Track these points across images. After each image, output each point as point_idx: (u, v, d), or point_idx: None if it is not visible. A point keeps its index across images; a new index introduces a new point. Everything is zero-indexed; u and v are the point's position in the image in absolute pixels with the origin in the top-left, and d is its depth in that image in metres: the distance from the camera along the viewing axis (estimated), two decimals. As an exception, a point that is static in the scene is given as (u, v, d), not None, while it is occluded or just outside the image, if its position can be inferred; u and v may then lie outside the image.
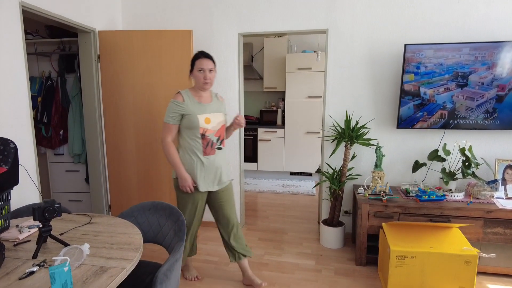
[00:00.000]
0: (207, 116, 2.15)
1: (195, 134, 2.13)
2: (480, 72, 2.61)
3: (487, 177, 2.79)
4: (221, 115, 2.23)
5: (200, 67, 2.11)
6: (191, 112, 2.12)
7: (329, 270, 2.60)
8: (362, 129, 2.78)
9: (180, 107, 2.12)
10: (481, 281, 2.44)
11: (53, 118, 3.59)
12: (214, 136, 2.18)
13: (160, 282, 1.49)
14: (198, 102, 2.16)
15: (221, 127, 2.22)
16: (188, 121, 2.12)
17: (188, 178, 2.16)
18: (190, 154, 2.17)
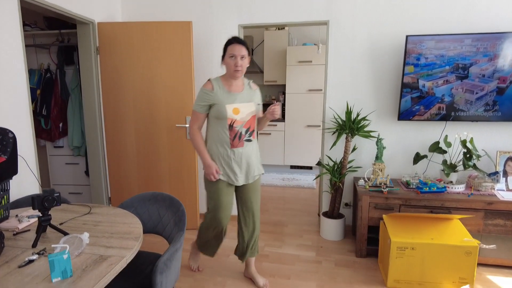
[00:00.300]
0: (236, 106, 2.03)
1: (222, 125, 2.03)
2: (481, 63, 2.59)
3: (488, 169, 2.78)
4: (252, 105, 2.09)
5: (232, 53, 1.97)
6: (219, 101, 2.01)
7: (330, 262, 2.61)
8: (363, 121, 2.77)
9: (208, 96, 2.03)
10: (481, 272, 2.44)
11: (52, 110, 3.57)
12: (242, 128, 2.05)
13: (160, 272, 1.48)
14: (228, 91, 2.04)
15: (251, 118, 2.08)
16: (216, 111, 2.02)
17: (213, 165, 2.07)
18: (217, 145, 2.07)
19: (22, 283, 1.18)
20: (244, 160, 2.10)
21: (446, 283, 2.20)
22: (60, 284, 1.17)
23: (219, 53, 3.13)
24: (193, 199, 3.13)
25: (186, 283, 2.34)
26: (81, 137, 3.60)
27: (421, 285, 2.23)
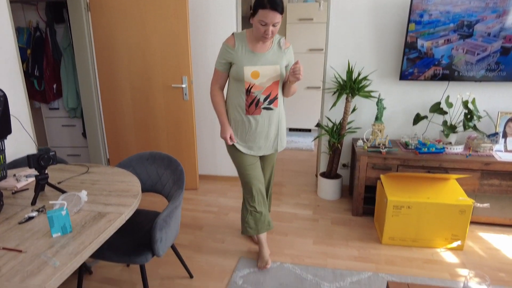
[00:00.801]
0: (256, 70, 1.81)
1: (240, 88, 1.86)
2: (488, 20, 2.48)
3: (488, 131, 2.77)
4: (276, 68, 1.85)
5: (264, 21, 1.68)
6: (238, 61, 1.81)
7: (326, 220, 2.67)
8: (364, 81, 2.70)
9: (228, 53, 1.83)
10: (473, 230, 2.51)
11: (45, 71, 3.47)
12: (261, 94, 1.86)
13: (160, 228, 1.51)
14: (251, 51, 1.82)
15: (272, 84, 1.86)
16: (234, 72, 1.84)
17: (227, 130, 1.94)
18: (234, 109, 1.92)
19: (23, 238, 1.19)
20: (260, 130, 1.93)
21: (438, 240, 2.26)
22: (60, 239, 1.18)
23: (216, 9, 2.99)
24: (192, 160, 3.14)
25: (186, 240, 2.41)
26: (76, 98, 3.53)
27: (415, 241, 2.29)
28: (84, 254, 1.12)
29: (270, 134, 1.98)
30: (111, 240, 1.62)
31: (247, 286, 1.95)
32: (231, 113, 1.96)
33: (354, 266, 2.12)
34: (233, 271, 2.08)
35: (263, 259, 2.11)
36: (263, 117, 1.92)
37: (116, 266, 2.13)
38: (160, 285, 1.96)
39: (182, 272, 2.08)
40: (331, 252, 2.26)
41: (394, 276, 2.02)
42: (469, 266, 2.12)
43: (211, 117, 3.25)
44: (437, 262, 2.15)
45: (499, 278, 2.01)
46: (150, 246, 1.57)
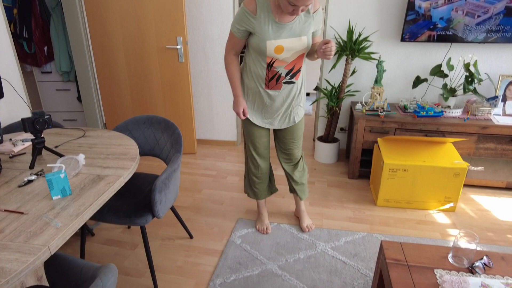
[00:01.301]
0: (280, 44, 1.59)
1: (260, 60, 1.67)
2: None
3: (488, 94, 2.74)
4: (303, 40, 1.62)
5: (294, 2, 1.43)
6: (260, 34, 1.57)
7: (322, 182, 2.71)
8: (365, 42, 2.62)
9: (248, 21, 1.57)
10: (465, 192, 2.57)
11: (34, 32, 3.34)
12: (284, 69, 1.68)
13: (159, 190, 1.53)
14: (275, 20, 1.56)
15: (297, 58, 1.67)
16: (255, 43, 1.62)
17: (241, 104, 1.79)
18: (252, 79, 1.75)
19: (24, 201, 1.21)
20: (277, 105, 1.80)
21: (432, 202, 2.32)
22: (60, 201, 1.20)
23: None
24: (189, 124, 3.13)
25: (185, 202, 2.46)
26: (69, 61, 3.43)
27: (409, 203, 2.35)
28: (84, 215, 1.14)
29: (287, 108, 1.83)
30: (112, 203, 1.65)
31: (245, 245, 2.02)
32: (248, 82, 1.78)
33: (349, 227, 2.18)
34: (232, 231, 2.15)
35: (262, 223, 2.16)
36: (283, 92, 1.76)
37: (117, 228, 2.19)
38: (160, 246, 2.03)
39: (182, 233, 2.14)
40: (327, 213, 2.32)
41: (388, 236, 2.09)
42: (460, 226, 2.20)
43: (208, 80, 3.19)
44: (429, 223, 2.22)
45: (488, 237, 2.09)
46: (150, 208, 1.60)
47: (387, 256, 1.35)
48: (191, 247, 2.02)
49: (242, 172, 2.89)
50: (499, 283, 1.18)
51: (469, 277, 1.21)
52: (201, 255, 1.96)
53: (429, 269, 1.28)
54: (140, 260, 1.93)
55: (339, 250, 1.97)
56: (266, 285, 1.73)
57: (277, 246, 2.01)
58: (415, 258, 1.34)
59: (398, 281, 1.23)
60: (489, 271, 1.27)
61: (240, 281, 1.76)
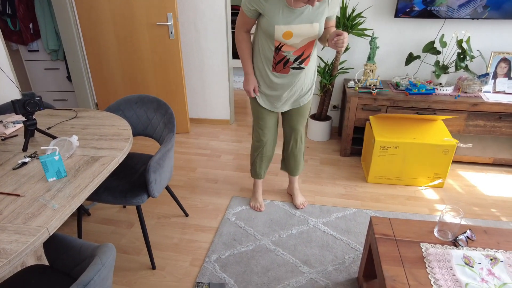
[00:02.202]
0: (289, 30, 1.55)
1: (269, 43, 1.64)
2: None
3: (479, 71, 2.76)
4: (314, 27, 1.56)
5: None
6: (269, 17, 1.54)
7: (315, 160, 2.76)
8: (358, 17, 2.59)
9: (259, 3, 1.53)
10: (454, 169, 2.63)
11: (18, 9, 3.22)
12: (292, 54, 1.65)
13: (154, 170, 1.54)
14: (286, 5, 1.51)
15: (306, 44, 1.63)
16: (265, 26, 1.58)
17: (252, 81, 1.78)
18: (261, 60, 1.72)
19: (20, 183, 1.22)
20: (286, 88, 1.77)
21: (421, 178, 2.38)
22: (56, 183, 1.21)
23: None
24: (181, 103, 3.11)
25: (180, 181, 2.49)
26: (57, 39, 3.34)
27: (399, 180, 2.41)
28: (81, 197, 1.16)
29: (295, 93, 1.82)
30: (107, 183, 1.66)
31: (239, 222, 2.07)
32: (256, 62, 1.76)
33: (340, 203, 2.24)
34: (226, 209, 2.19)
35: (256, 200, 2.21)
36: (290, 77, 1.73)
37: (113, 207, 2.22)
38: (156, 224, 2.08)
39: (177, 211, 2.18)
40: (319, 190, 2.37)
41: (378, 212, 2.16)
42: (447, 201, 2.27)
43: (200, 57, 3.15)
44: (418, 199, 2.29)
45: (473, 212, 2.17)
46: (145, 187, 1.63)
47: (376, 231, 1.41)
48: (186, 224, 2.07)
49: (236, 150, 2.92)
50: (480, 255, 1.25)
51: (453, 250, 1.28)
52: (197, 232, 2.01)
53: (415, 243, 1.34)
54: (136, 238, 1.97)
55: (331, 225, 2.04)
56: (260, 260, 1.80)
57: (270, 222, 2.07)
58: (402, 233, 1.40)
59: (386, 255, 1.29)
60: (472, 243, 1.34)
61: (235, 256, 1.82)
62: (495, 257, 1.23)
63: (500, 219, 2.10)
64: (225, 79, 3.22)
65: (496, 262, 1.22)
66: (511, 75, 2.60)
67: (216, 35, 3.04)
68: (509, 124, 2.45)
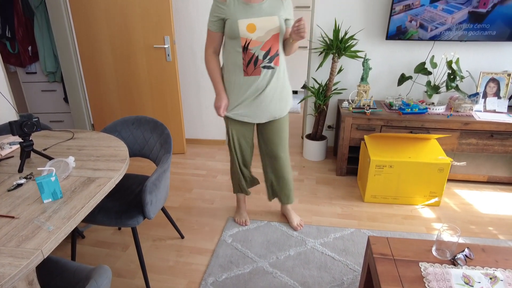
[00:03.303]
0: (251, 22, 1.63)
1: (236, 46, 1.69)
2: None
3: (469, 91, 2.83)
4: (274, 19, 1.65)
5: None
6: (231, 15, 1.64)
7: (311, 180, 2.76)
8: (351, 40, 2.67)
9: (219, 9, 1.66)
10: (449, 187, 2.65)
11: (17, 31, 3.28)
12: (260, 50, 1.68)
13: (150, 191, 1.54)
14: (243, 2, 1.65)
15: (272, 38, 1.67)
16: (229, 28, 1.66)
17: (223, 99, 1.79)
18: (231, 71, 1.76)
19: (14, 205, 1.20)
20: (260, 93, 1.76)
21: (417, 197, 2.39)
22: (52, 204, 1.20)
23: (197, -37, 2.82)
24: (178, 124, 3.12)
25: (176, 202, 2.47)
26: (55, 61, 3.38)
27: (396, 199, 2.42)
28: (76, 218, 1.14)
29: (272, 97, 1.80)
30: (102, 204, 1.65)
31: (236, 244, 2.04)
32: (227, 77, 1.79)
33: (338, 223, 2.23)
34: (223, 230, 2.17)
35: (241, 215, 2.24)
36: (264, 78, 1.74)
37: (108, 229, 2.19)
38: (152, 246, 2.04)
39: (173, 233, 2.15)
40: (316, 210, 2.36)
41: (375, 231, 2.15)
42: (444, 220, 2.27)
43: (196, 79, 3.20)
44: (415, 218, 2.29)
45: (470, 230, 2.17)
46: (141, 209, 1.61)
47: (374, 251, 1.40)
48: (182, 247, 2.04)
49: (232, 170, 2.91)
50: (479, 274, 1.24)
51: (452, 269, 1.27)
52: (193, 254, 1.98)
53: (414, 262, 1.34)
54: (131, 261, 1.93)
55: (328, 246, 2.02)
56: (257, 283, 1.76)
57: (267, 243, 2.04)
58: (401, 252, 1.39)
59: (385, 275, 1.28)
60: (470, 262, 1.33)
61: (232, 279, 1.79)
62: (495, 276, 1.23)
63: (498, 237, 2.10)
64: (221, 100, 3.25)
65: (495, 281, 1.21)
66: (500, 95, 2.66)
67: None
68: (501, 142, 2.49)
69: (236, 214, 2.26)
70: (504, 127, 2.44)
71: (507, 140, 2.48)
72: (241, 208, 2.26)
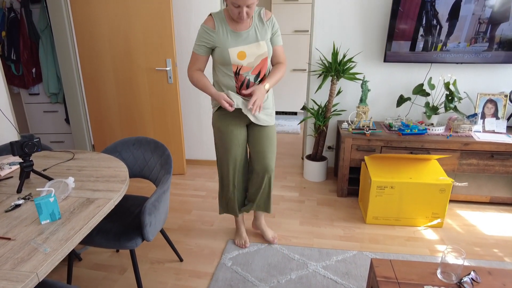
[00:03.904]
0: (242, 50, 1.71)
1: (228, 72, 1.77)
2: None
3: (468, 111, 2.85)
4: (262, 45, 1.74)
5: (236, 3, 1.58)
6: (221, 44, 1.70)
7: (312, 201, 2.73)
8: (349, 62, 2.72)
9: (208, 36, 1.72)
10: (452, 208, 2.62)
11: (22, 54, 3.35)
12: (250, 74, 1.77)
13: (149, 213, 1.52)
14: (232, 30, 1.72)
15: (260, 62, 1.76)
16: (219, 56, 1.73)
17: (221, 94, 1.73)
18: (226, 89, 1.80)
19: (11, 226, 1.18)
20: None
21: (420, 218, 2.36)
22: (49, 226, 1.18)
23: (199, -11, 2.91)
24: (178, 145, 3.13)
25: (175, 224, 2.43)
26: (58, 82, 3.43)
27: (398, 220, 2.39)
28: (74, 240, 1.12)
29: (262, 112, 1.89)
30: (101, 226, 1.62)
31: (236, 267, 2.00)
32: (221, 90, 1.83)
33: (340, 245, 2.19)
34: (222, 253, 2.13)
35: (240, 237, 2.20)
36: None
37: (106, 251, 2.14)
38: (150, 269, 1.99)
39: (172, 256, 2.11)
40: (317, 232, 2.33)
41: (378, 254, 2.11)
42: (447, 242, 2.23)
43: (197, 100, 3.23)
44: (418, 239, 2.25)
45: (475, 252, 2.13)
46: (139, 231, 1.59)
47: (378, 274, 1.37)
48: (181, 270, 1.99)
49: (232, 191, 2.89)
50: (487, 298, 1.20)
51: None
52: (192, 278, 1.93)
53: (419, 285, 1.30)
54: (129, 284, 1.88)
55: (331, 269, 1.97)
56: (258, 307, 1.71)
57: (268, 267, 2.00)
58: (405, 275, 1.36)
59: (389, 299, 1.24)
60: (477, 286, 1.30)
61: (232, 303, 1.73)
62: (502, 300, 1.19)
63: (504, 260, 2.06)
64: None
65: (503, 306, 1.18)
66: (498, 115, 2.68)
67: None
68: (502, 163, 2.49)
69: (236, 236, 2.23)
70: (504, 148, 2.44)
71: (507, 161, 2.48)
72: (240, 229, 2.23)
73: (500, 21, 2.51)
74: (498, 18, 2.51)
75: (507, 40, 2.55)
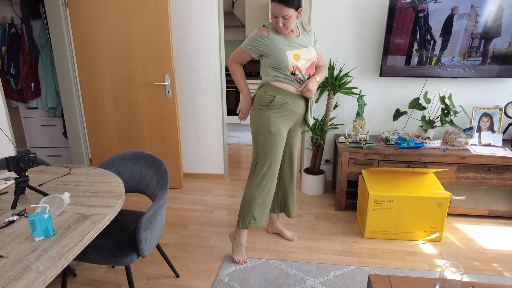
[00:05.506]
0: (297, 53, 1.87)
1: (285, 73, 1.89)
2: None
3: (463, 125, 2.87)
4: (311, 50, 1.92)
5: (273, 13, 1.77)
6: (278, 48, 1.84)
7: (310, 215, 2.71)
8: (345, 77, 2.75)
9: (262, 41, 1.85)
10: (450, 221, 2.61)
11: (21, 69, 3.37)
12: (304, 75, 1.93)
13: (145, 228, 1.51)
14: (285, 37, 1.88)
15: (310, 65, 1.93)
16: (275, 60, 1.86)
17: (249, 100, 2.02)
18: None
19: (4, 243, 1.17)
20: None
21: (418, 232, 2.35)
22: (43, 242, 1.17)
23: (197, 4, 2.97)
24: (176, 159, 3.13)
25: (172, 239, 2.41)
26: (56, 96, 3.45)
27: (396, 234, 2.37)
28: (68, 257, 1.11)
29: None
30: (96, 242, 1.61)
31: (233, 283, 1.97)
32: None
33: (338, 260, 2.17)
34: (219, 269, 2.10)
35: (241, 253, 2.16)
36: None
37: (101, 267, 2.11)
38: (146, 285, 1.96)
39: (168, 271, 2.08)
40: (315, 247, 2.31)
41: (376, 268, 2.09)
42: (446, 256, 2.21)
43: (195, 114, 3.24)
44: (416, 254, 2.23)
45: (474, 267, 2.11)
46: (135, 246, 1.57)
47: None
48: (177, 286, 1.96)
49: (230, 205, 2.88)
50: (486, 315, 1.19)
51: (457, 310, 1.22)
52: (188, 294, 1.90)
53: (417, 302, 1.28)
54: (123, 301, 1.85)
55: (329, 285, 1.95)
56: (255, 325, 1.68)
57: (265, 283, 1.97)
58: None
59: (387, 316, 1.22)
60: (476, 302, 1.28)
61: (228, 321, 1.70)
62: (501, 317, 1.18)
63: (503, 275, 2.03)
64: (220, 134, 3.29)
65: (503, 323, 1.16)
66: (494, 129, 2.70)
67: (211, 94, 3.17)
68: (499, 176, 2.49)
69: (238, 252, 2.16)
70: (500, 161, 2.45)
71: (504, 174, 2.48)
72: (243, 245, 2.17)
73: (493, 36, 2.56)
74: (491, 33, 2.55)
75: (500, 54, 2.59)
